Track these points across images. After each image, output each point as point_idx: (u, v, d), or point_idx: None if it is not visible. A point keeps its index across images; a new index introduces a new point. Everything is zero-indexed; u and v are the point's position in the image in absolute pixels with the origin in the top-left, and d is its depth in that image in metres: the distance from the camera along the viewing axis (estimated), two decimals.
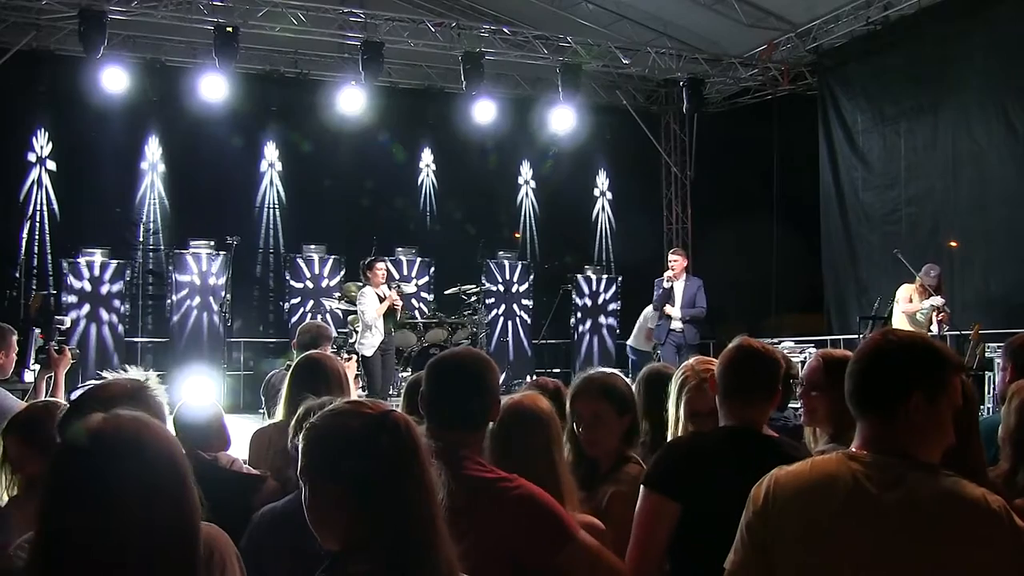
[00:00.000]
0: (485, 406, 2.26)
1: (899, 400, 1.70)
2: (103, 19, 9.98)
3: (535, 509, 2.09)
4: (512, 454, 2.29)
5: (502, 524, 2.05)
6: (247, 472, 3.03)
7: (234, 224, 11.53)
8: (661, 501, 2.28)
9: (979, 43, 9.96)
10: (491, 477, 2.13)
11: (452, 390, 2.25)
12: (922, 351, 1.74)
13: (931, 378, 1.72)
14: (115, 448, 1.38)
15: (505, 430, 2.37)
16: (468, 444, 2.19)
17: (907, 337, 1.82)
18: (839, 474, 1.70)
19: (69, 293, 10.97)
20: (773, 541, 1.71)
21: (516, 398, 2.48)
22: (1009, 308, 9.23)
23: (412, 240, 12.81)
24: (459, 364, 2.35)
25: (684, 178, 14.33)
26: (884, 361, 1.74)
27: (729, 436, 2.38)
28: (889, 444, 1.71)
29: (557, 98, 12.25)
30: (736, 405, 2.40)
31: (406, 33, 11.39)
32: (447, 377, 2.29)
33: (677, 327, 9.18)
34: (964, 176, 10.15)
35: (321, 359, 3.34)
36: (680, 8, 11.90)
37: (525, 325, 13.04)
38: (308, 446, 1.57)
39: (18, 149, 11.31)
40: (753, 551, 1.74)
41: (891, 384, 1.72)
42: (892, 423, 1.71)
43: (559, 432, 2.49)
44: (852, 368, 1.79)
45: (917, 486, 1.66)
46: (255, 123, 12.24)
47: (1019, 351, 3.14)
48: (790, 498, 1.72)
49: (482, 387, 2.27)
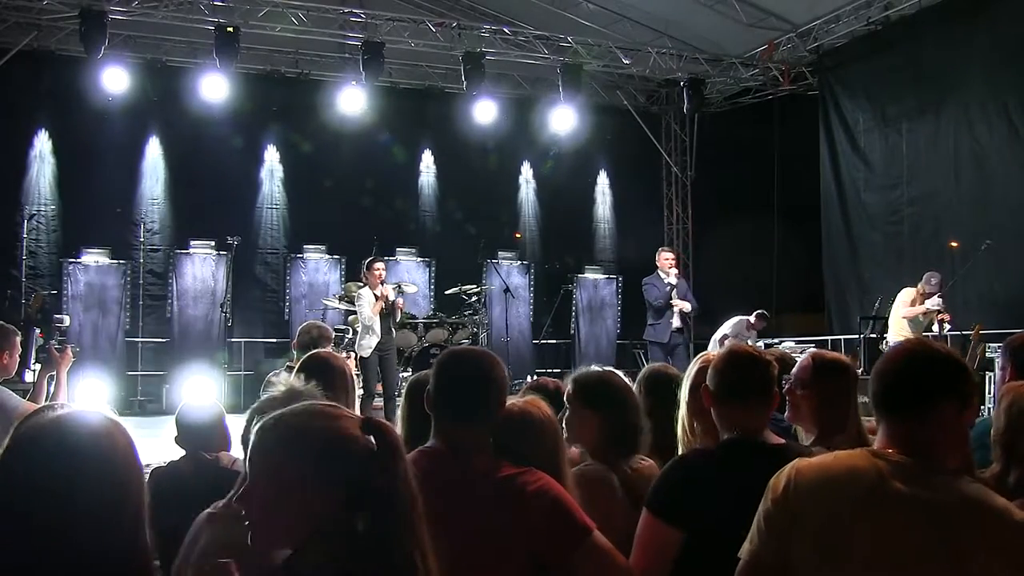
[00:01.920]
0: (495, 402, 2.24)
1: (934, 405, 1.72)
2: (104, 19, 9.98)
3: (554, 504, 2.08)
4: (518, 462, 2.25)
5: (520, 520, 2.04)
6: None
7: (234, 224, 11.53)
8: (663, 528, 2.23)
9: (980, 43, 9.95)
10: (509, 473, 2.11)
11: (462, 385, 2.23)
12: (960, 364, 1.77)
13: (965, 390, 1.74)
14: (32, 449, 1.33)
15: (509, 437, 2.35)
16: (478, 440, 2.18)
17: (944, 348, 1.85)
18: (863, 468, 1.70)
19: (69, 293, 10.99)
20: (791, 529, 1.70)
21: (519, 405, 2.45)
22: (1011, 308, 9.22)
23: (412, 240, 12.81)
24: (467, 360, 2.34)
25: (684, 178, 14.33)
26: (925, 367, 1.75)
27: (732, 450, 2.31)
28: (916, 447, 1.71)
29: (557, 98, 12.26)
30: (736, 413, 2.33)
31: (406, 33, 11.39)
32: (457, 373, 2.27)
33: (677, 325, 9.12)
34: (966, 176, 10.15)
35: (328, 358, 3.32)
36: (681, 8, 11.90)
37: (525, 325, 13.05)
38: (281, 441, 1.44)
39: (19, 149, 11.30)
40: (770, 539, 1.72)
41: (930, 389, 1.73)
42: (922, 427, 1.72)
43: (562, 436, 2.47)
44: (886, 368, 1.79)
45: (942, 489, 1.66)
46: (256, 123, 12.23)
47: (1019, 350, 3.12)
48: (812, 488, 1.71)
49: (492, 382, 2.25)
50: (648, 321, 9.37)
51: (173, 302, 11.55)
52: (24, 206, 11.23)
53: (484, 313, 11.44)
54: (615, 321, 13.46)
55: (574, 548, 2.06)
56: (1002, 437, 2.48)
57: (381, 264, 8.87)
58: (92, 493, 1.32)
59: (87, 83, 10.85)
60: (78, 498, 1.30)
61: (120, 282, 11.38)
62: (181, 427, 3.22)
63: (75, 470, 1.31)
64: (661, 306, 9.13)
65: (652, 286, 9.27)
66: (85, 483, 1.31)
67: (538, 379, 3.37)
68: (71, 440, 1.34)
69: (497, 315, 12.03)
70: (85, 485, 1.31)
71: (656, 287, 9.22)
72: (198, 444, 3.05)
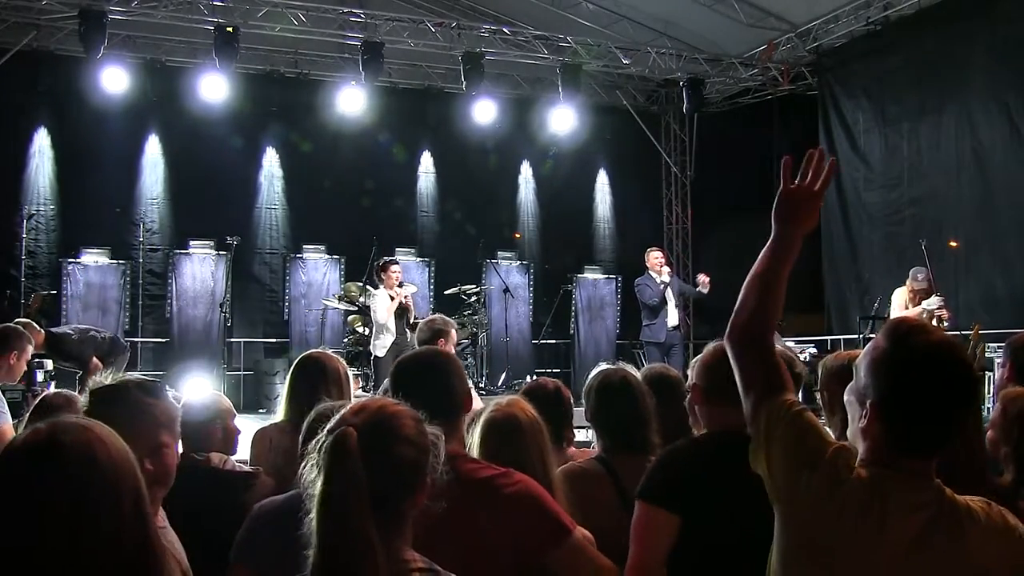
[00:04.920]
0: (456, 394, 2.28)
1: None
2: (103, 19, 9.97)
3: (534, 504, 2.09)
4: (505, 465, 2.25)
5: (501, 520, 2.04)
6: (238, 471, 3.01)
7: (234, 224, 11.51)
8: (659, 513, 2.22)
9: (980, 43, 9.94)
10: (489, 474, 2.12)
11: (421, 382, 2.26)
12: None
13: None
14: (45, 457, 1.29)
15: (496, 440, 2.35)
16: (449, 438, 2.17)
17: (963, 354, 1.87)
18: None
19: (69, 293, 10.98)
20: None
21: (503, 407, 2.45)
22: (1012, 308, 9.22)
23: (412, 240, 12.81)
24: (421, 359, 2.42)
25: (684, 178, 14.33)
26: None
27: (723, 442, 2.28)
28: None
29: (557, 98, 12.25)
30: (728, 410, 2.27)
31: (406, 33, 11.38)
32: (413, 371, 2.33)
33: (673, 323, 9.12)
34: (967, 176, 10.13)
35: (322, 358, 3.31)
36: (680, 8, 11.89)
37: (524, 325, 13.04)
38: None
39: (18, 149, 11.29)
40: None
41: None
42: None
43: (548, 438, 2.47)
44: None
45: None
46: (255, 123, 12.22)
47: (1020, 350, 3.11)
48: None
49: (449, 376, 2.29)
50: (643, 322, 9.39)
51: (172, 302, 11.55)
52: (23, 206, 11.21)
53: (484, 313, 11.43)
54: (615, 321, 13.45)
55: (553, 548, 2.07)
56: (1016, 450, 2.46)
57: (397, 267, 8.88)
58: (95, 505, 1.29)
59: (86, 83, 10.84)
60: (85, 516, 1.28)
61: (119, 282, 11.37)
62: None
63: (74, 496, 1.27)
64: (656, 304, 9.15)
65: (644, 286, 9.29)
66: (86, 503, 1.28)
67: (537, 379, 3.36)
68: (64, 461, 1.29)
69: (496, 315, 12.02)
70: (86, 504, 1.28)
71: (649, 287, 9.24)
72: (191, 443, 3.01)
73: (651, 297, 9.16)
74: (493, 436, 2.35)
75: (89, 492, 1.28)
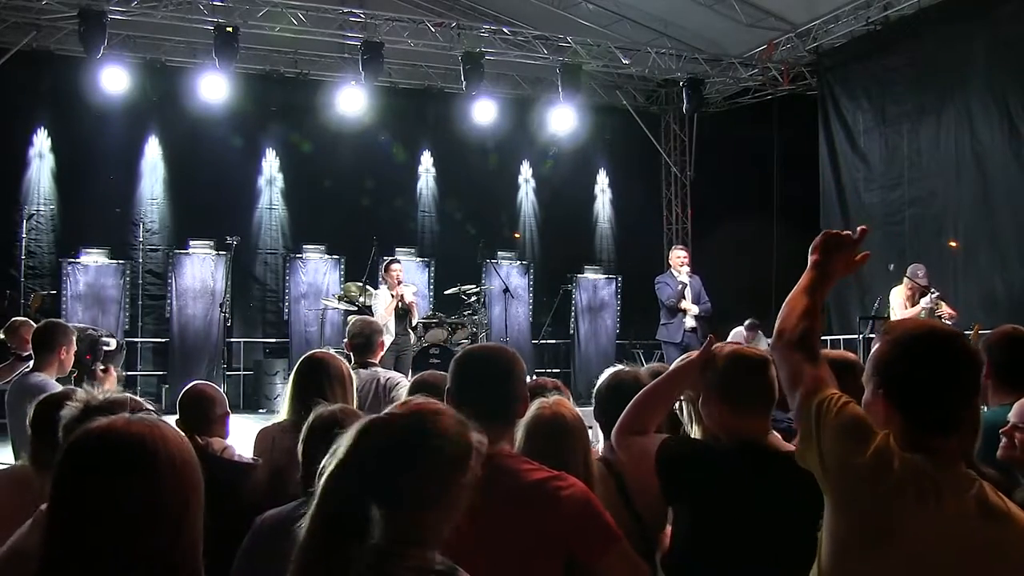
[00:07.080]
0: (517, 399, 2.23)
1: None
2: (103, 19, 9.98)
3: (588, 509, 2.09)
4: (552, 465, 2.22)
5: (556, 523, 2.03)
6: (238, 459, 3.02)
7: (234, 224, 11.51)
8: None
9: (980, 43, 9.95)
10: (543, 476, 2.10)
11: (484, 382, 2.20)
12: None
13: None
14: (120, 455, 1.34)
15: (543, 439, 2.33)
16: (502, 439, 2.15)
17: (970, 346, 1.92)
18: None
19: (69, 293, 10.98)
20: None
21: (550, 407, 2.43)
22: (1011, 308, 9.22)
23: (412, 240, 12.82)
24: (488, 357, 2.32)
25: (684, 178, 14.33)
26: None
27: (739, 450, 2.30)
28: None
29: (557, 98, 12.26)
30: (744, 417, 2.32)
31: (406, 33, 11.39)
32: (478, 370, 2.24)
33: (690, 325, 9.05)
34: (967, 176, 10.13)
35: (325, 358, 3.31)
36: (680, 8, 11.90)
37: (524, 325, 13.04)
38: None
39: (18, 149, 11.30)
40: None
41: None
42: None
43: (589, 439, 2.48)
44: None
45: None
46: (255, 123, 12.23)
47: (995, 347, 3.08)
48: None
49: (513, 380, 2.23)
50: (660, 320, 9.30)
51: (172, 302, 11.55)
52: (23, 206, 11.22)
53: (483, 313, 11.42)
54: (614, 321, 13.46)
55: (604, 553, 2.07)
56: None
57: (399, 265, 8.94)
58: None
59: (86, 83, 10.85)
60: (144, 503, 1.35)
61: (119, 282, 11.37)
62: (180, 407, 3.23)
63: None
64: (673, 305, 9.08)
65: (664, 284, 9.20)
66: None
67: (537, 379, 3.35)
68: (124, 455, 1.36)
69: (496, 315, 12.03)
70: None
71: (669, 285, 9.16)
72: (192, 425, 3.02)
73: (669, 297, 9.10)
74: (539, 435, 2.34)
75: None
